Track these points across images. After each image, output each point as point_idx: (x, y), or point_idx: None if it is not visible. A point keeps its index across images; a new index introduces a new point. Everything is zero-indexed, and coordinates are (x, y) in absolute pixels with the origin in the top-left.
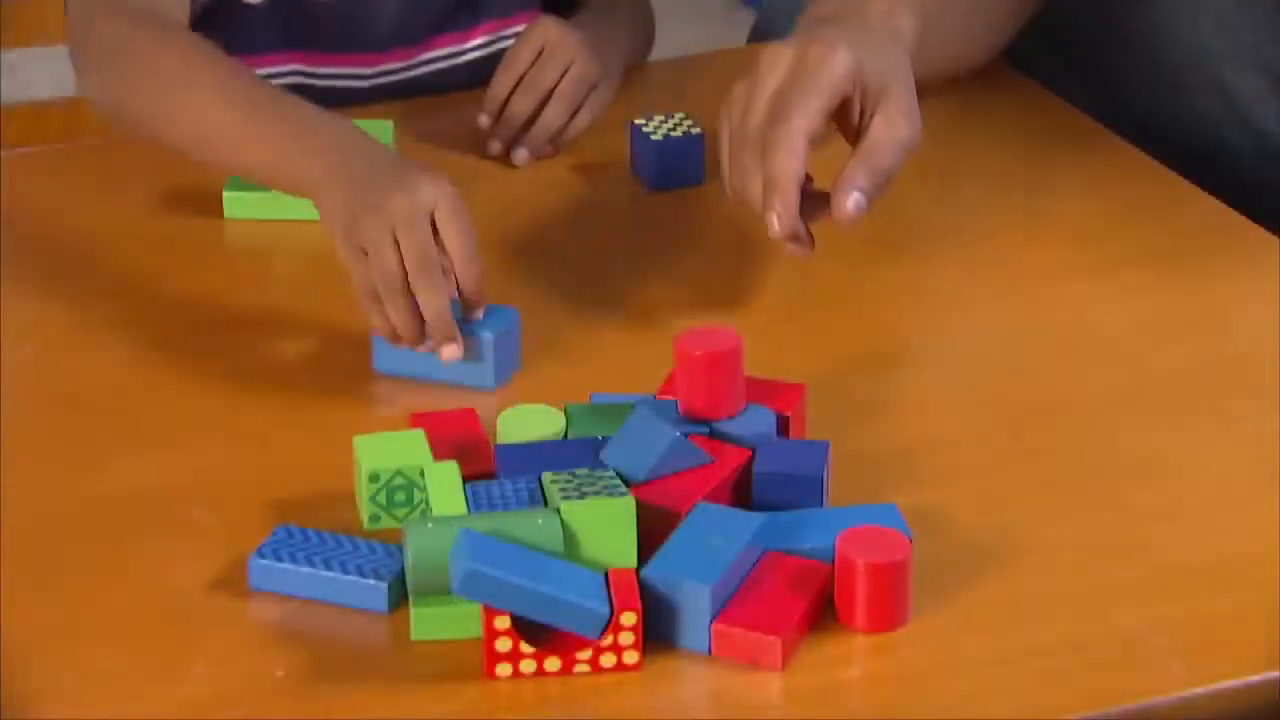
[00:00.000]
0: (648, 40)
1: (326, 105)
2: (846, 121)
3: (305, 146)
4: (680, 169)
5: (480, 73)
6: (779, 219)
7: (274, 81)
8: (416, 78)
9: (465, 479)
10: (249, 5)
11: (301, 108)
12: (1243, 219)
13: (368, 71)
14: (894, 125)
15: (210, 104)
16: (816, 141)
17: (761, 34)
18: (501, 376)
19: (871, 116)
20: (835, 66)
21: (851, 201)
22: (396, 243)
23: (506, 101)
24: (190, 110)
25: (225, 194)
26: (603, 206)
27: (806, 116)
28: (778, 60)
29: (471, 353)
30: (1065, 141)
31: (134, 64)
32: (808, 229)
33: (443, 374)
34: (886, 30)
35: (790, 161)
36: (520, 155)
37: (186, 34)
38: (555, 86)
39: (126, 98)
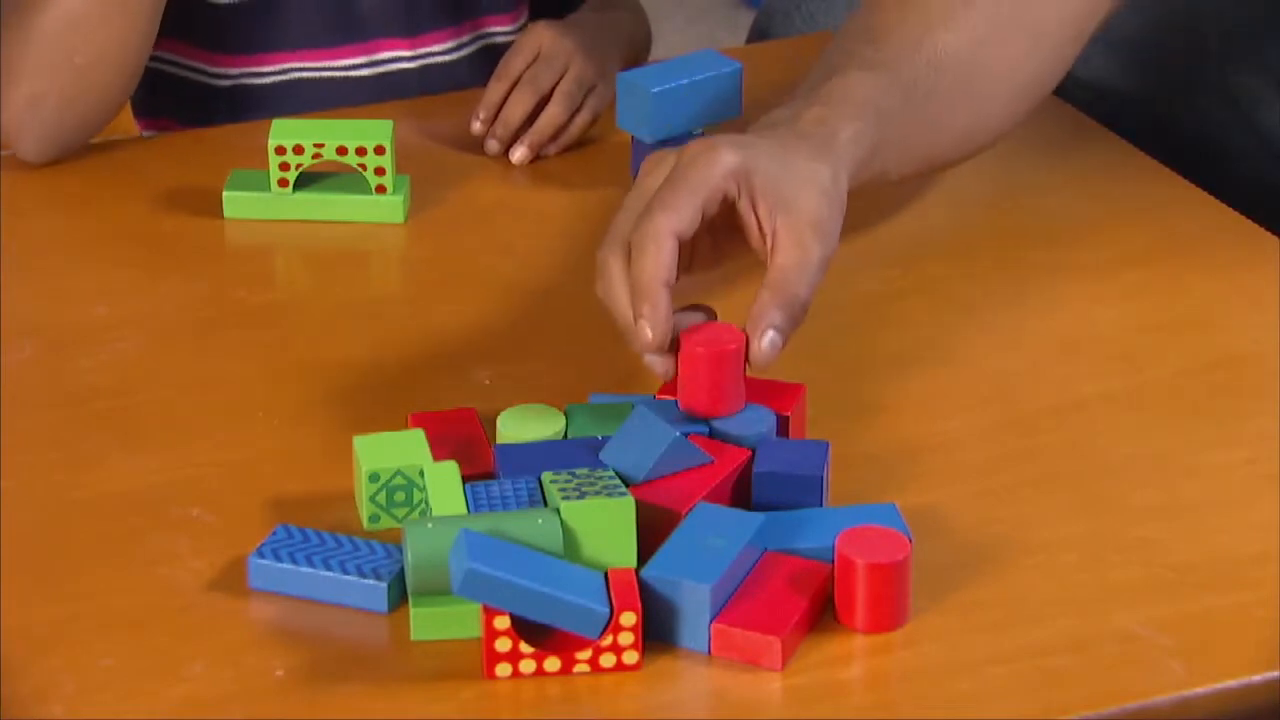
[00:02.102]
0: (645, 41)
1: (322, 101)
2: (745, 231)
3: None
4: None
5: (476, 69)
6: (649, 325)
7: (266, 80)
8: (407, 71)
9: (465, 479)
10: (222, 5)
11: None
12: (1243, 219)
13: (362, 61)
14: (803, 247)
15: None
16: (685, 240)
17: (761, 34)
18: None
19: (775, 236)
20: (712, 164)
21: (767, 341)
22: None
23: (501, 106)
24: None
25: (225, 194)
26: (603, 206)
27: (674, 212)
28: (659, 164)
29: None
30: (1065, 141)
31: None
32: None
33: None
34: (818, 137)
35: (653, 261)
36: (519, 154)
37: None
38: (553, 89)
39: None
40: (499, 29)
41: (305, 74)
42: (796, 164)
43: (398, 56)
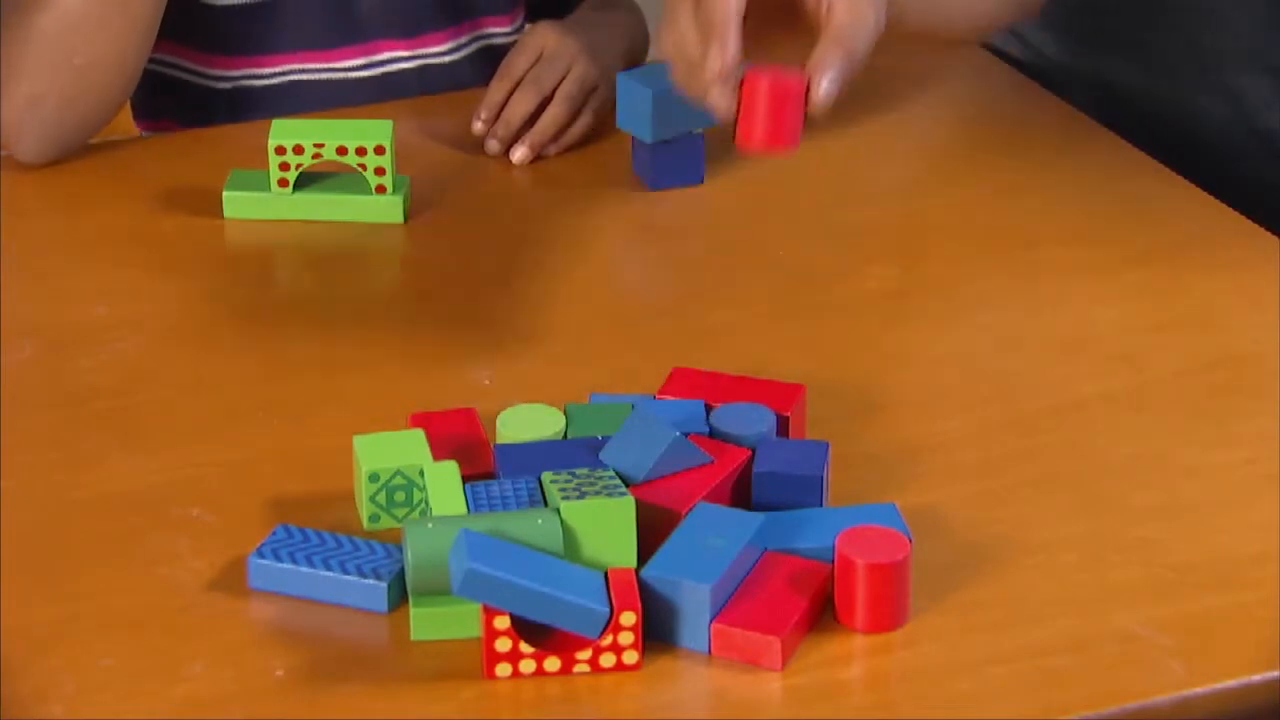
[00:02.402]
0: (644, 41)
1: (322, 101)
2: (803, 11)
3: None
4: (680, 169)
5: (475, 70)
6: (718, 56)
7: (266, 82)
8: (406, 71)
9: (465, 479)
10: (220, 7)
11: None
12: (1243, 219)
13: (360, 63)
14: (859, 10)
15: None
16: None
17: None
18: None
19: (832, 4)
20: None
21: (827, 82)
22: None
23: (503, 106)
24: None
25: (225, 194)
26: (603, 206)
27: None
28: None
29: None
30: (1065, 141)
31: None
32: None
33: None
34: None
35: (725, 3)
36: (519, 154)
37: None
38: (555, 90)
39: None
40: (497, 30)
41: (304, 75)
42: None
43: (396, 57)
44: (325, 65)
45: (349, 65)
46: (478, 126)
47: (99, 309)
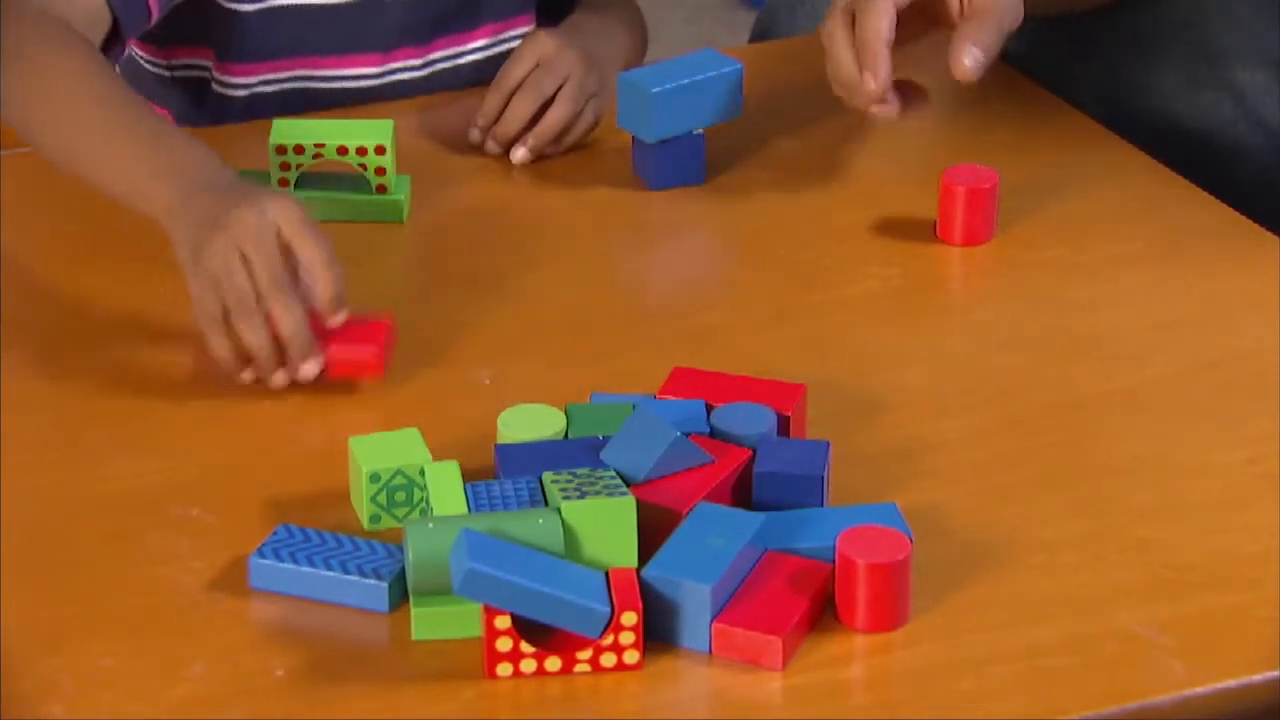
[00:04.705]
0: (642, 42)
1: (331, 109)
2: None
3: (156, 170)
4: (680, 169)
5: (482, 75)
6: (873, 78)
7: (275, 87)
8: (420, 79)
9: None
10: (239, 12)
11: (169, 135)
12: (1243, 219)
13: (374, 71)
14: None
15: (81, 120)
16: (901, 7)
17: (762, 34)
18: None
19: None
20: None
21: (970, 58)
22: (246, 261)
23: (500, 115)
24: (61, 123)
25: None
26: (603, 206)
27: None
28: None
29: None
30: (1065, 141)
31: (23, 69)
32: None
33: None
34: None
35: (876, 23)
36: (520, 154)
37: (86, 48)
38: (554, 95)
39: (11, 100)
40: (513, 33)
41: (311, 84)
42: None
43: (409, 66)
44: (336, 73)
45: (363, 72)
46: (474, 134)
47: (99, 309)
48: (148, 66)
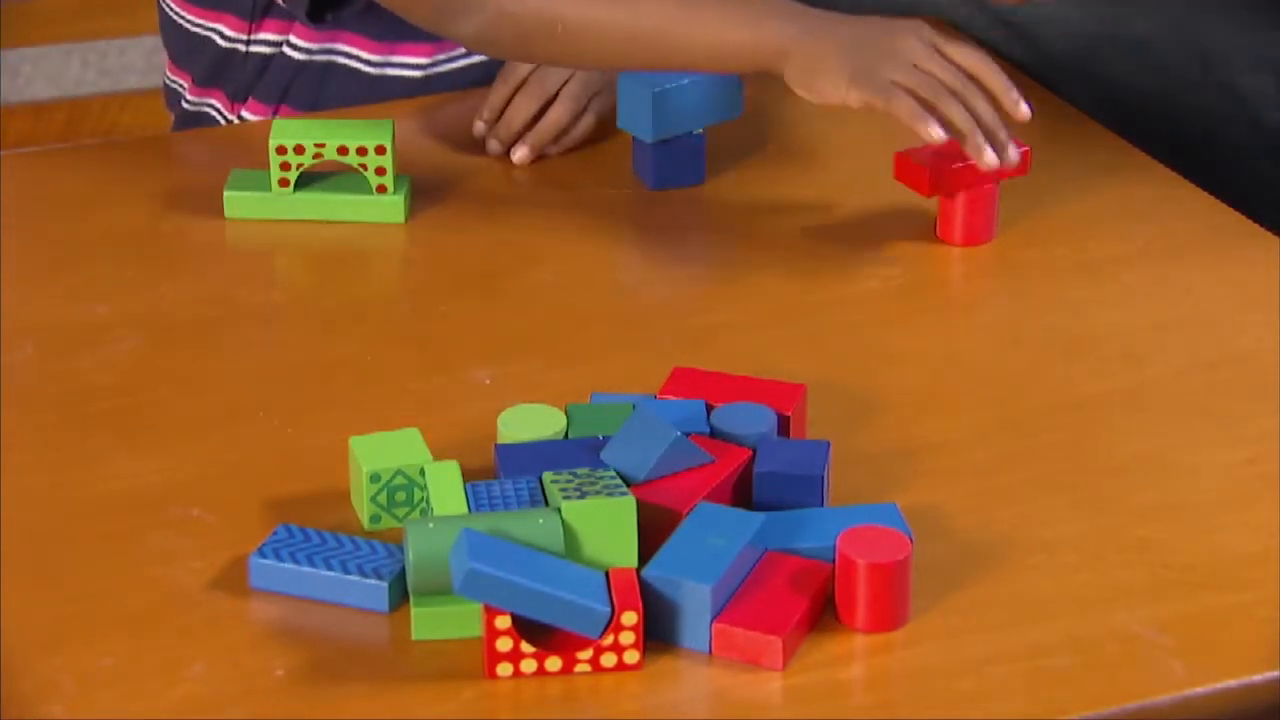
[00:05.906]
0: None
1: (374, 96)
2: None
3: (763, 14)
4: (680, 169)
5: (482, 75)
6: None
7: (307, 57)
8: (459, 70)
9: None
10: None
11: None
12: (1243, 219)
13: (423, 61)
14: None
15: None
16: None
17: None
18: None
19: None
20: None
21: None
22: (928, 75)
23: (505, 109)
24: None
25: (226, 194)
26: (603, 206)
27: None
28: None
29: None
30: (1065, 141)
31: None
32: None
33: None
34: None
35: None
36: (520, 154)
37: None
38: (558, 91)
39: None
40: None
41: (359, 65)
42: None
43: (450, 57)
44: (385, 58)
45: (414, 61)
46: (479, 127)
47: (99, 309)
48: (183, 24)
